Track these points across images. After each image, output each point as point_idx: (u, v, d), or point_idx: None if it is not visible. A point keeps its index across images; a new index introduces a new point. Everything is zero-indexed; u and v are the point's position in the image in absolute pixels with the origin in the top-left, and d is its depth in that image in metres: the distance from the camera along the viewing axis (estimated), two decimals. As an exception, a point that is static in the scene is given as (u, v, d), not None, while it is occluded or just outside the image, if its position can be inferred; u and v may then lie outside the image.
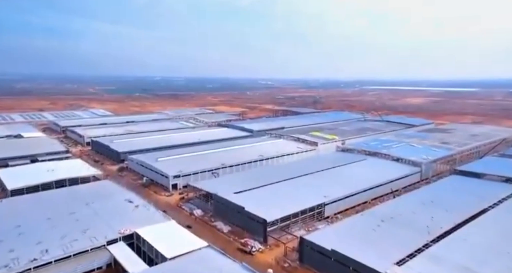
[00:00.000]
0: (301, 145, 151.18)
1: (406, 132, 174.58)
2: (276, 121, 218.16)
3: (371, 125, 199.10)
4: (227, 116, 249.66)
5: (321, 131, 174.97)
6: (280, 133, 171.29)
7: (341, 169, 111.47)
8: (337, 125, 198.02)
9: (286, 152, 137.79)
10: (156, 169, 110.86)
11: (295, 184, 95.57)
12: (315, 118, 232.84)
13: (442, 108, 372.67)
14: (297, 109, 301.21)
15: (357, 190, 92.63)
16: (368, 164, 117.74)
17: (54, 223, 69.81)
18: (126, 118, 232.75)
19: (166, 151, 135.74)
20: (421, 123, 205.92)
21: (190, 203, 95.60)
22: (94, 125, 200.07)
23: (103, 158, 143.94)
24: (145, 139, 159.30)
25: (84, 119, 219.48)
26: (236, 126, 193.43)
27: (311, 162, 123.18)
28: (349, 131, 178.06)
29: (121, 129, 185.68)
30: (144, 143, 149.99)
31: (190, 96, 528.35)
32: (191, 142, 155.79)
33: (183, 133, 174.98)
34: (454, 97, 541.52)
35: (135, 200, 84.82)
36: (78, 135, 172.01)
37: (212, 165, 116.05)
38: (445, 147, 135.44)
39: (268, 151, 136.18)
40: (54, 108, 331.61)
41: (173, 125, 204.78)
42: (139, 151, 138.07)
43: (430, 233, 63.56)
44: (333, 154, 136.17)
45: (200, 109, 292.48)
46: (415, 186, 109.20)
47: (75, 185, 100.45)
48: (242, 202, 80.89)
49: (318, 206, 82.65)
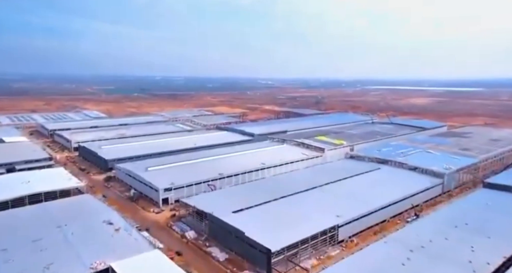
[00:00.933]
0: (306, 151, 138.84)
1: (420, 137, 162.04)
2: (278, 124, 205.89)
3: (380, 128, 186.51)
4: (227, 118, 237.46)
5: (327, 135, 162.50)
6: (283, 137, 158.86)
7: (353, 180, 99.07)
8: (343, 128, 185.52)
9: (290, 159, 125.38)
10: (145, 180, 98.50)
11: (302, 200, 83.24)
12: (320, 120, 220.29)
13: (448, 109, 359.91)
14: (300, 110, 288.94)
15: (375, 207, 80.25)
16: (383, 174, 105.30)
17: (8, 255, 57.17)
18: (119, 120, 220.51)
19: (158, 159, 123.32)
20: (433, 126, 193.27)
21: (182, 221, 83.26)
22: (85, 128, 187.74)
23: (90, 165, 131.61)
24: (137, 144, 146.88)
25: (75, 122, 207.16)
26: (236, 129, 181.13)
27: (319, 171, 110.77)
28: (357, 136, 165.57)
29: (112, 133, 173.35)
30: (135, 149, 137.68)
31: (189, 97, 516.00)
32: (187, 148, 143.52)
33: (178, 138, 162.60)
34: (457, 97, 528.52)
35: (116, 220, 72.52)
36: (65, 140, 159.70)
37: (209, 175, 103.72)
38: (467, 154, 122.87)
39: (270, 158, 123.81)
40: (47, 109, 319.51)
41: (169, 129, 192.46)
42: (128, 158, 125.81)
43: (476, 272, 51.18)
44: (342, 162, 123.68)
45: (198, 110, 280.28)
46: (436, 200, 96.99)
47: (52, 200, 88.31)
48: (242, 224, 68.57)
49: (330, 229, 70.27)
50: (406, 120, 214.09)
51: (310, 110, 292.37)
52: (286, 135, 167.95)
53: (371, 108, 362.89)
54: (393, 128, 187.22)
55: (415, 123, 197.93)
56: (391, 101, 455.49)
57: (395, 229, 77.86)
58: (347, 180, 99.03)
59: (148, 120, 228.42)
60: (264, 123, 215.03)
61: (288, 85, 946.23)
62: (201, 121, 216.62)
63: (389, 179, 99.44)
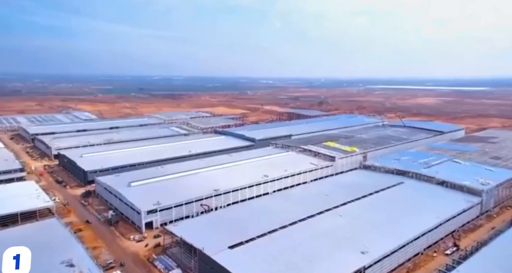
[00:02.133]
0: (314, 159, 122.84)
1: (440, 143, 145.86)
2: (281, 127, 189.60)
3: (392, 132, 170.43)
4: (226, 120, 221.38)
5: (337, 141, 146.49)
6: (288, 143, 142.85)
7: (374, 199, 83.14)
8: (353, 132, 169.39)
9: (297, 169, 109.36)
10: (126, 199, 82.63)
11: (316, 227, 67.34)
12: (326, 123, 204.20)
13: (459, 109, 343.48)
14: (303, 111, 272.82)
15: (407, 239, 64.30)
16: (407, 190, 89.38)
17: None
18: (110, 123, 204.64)
19: (145, 170, 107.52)
20: (451, 130, 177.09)
21: (167, 255, 67.37)
22: (71, 132, 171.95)
23: (69, 176, 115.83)
24: (124, 152, 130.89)
25: (61, 125, 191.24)
26: (235, 134, 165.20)
27: (332, 186, 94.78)
28: (369, 141, 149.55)
29: (100, 138, 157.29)
30: (122, 158, 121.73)
31: (187, 97, 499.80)
32: (180, 156, 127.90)
33: (171, 144, 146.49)
34: (465, 97, 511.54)
35: (80, 258, 56.87)
36: (45, 146, 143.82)
37: (202, 192, 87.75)
38: (501, 165, 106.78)
39: (274, 169, 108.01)
40: (39, 110, 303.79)
41: (162, 132, 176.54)
42: (112, 169, 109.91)
43: None
44: (357, 174, 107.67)
45: (195, 111, 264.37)
46: (475, 223, 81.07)
47: (13, 224, 72.87)
48: (241, 266, 52.84)
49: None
50: (420, 123, 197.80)
51: (315, 111, 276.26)
52: (291, 140, 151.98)
53: (378, 109, 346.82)
54: (407, 132, 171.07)
55: (431, 126, 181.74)
56: (397, 102, 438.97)
57: (432, 267, 62.27)
58: (367, 199, 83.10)
59: (142, 122, 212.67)
60: (265, 126, 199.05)
61: (290, 85, 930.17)
62: (198, 124, 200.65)
63: (417, 198, 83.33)
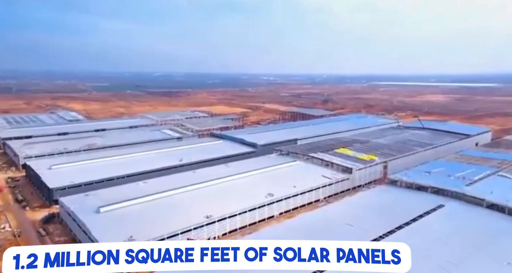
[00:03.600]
0: (326, 170, 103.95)
1: (472, 150, 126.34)
2: (285, 129, 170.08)
3: (412, 135, 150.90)
4: (224, 121, 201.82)
5: (350, 147, 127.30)
6: (294, 150, 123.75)
7: (414, 233, 63.77)
8: (367, 135, 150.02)
9: (307, 185, 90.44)
10: (90, 233, 63.51)
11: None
12: (334, 124, 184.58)
13: (472, 107, 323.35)
14: (308, 111, 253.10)
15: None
16: (452, 219, 69.81)
17: None
18: (97, 124, 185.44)
19: (126, 186, 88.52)
20: (477, 132, 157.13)
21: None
22: (50, 136, 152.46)
23: (34, 194, 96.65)
24: (105, 161, 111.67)
25: (40, 128, 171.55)
26: (234, 138, 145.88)
27: (353, 210, 75.47)
28: (387, 146, 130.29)
29: (81, 143, 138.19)
30: (100, 169, 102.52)
31: (186, 94, 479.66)
32: (169, 166, 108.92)
33: (161, 151, 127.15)
34: (474, 94, 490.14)
35: None
36: (14, 153, 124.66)
37: (191, 219, 68.97)
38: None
39: (280, 184, 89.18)
40: (24, 110, 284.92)
41: (153, 136, 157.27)
42: (85, 185, 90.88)
43: None
44: (382, 193, 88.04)
45: (191, 111, 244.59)
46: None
47: None
48: None
49: None
50: (439, 124, 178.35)
51: (320, 111, 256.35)
52: (297, 146, 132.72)
53: (386, 107, 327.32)
54: (428, 135, 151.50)
55: (453, 128, 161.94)
56: (404, 99, 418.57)
57: None
58: (404, 231, 63.87)
59: (132, 124, 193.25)
60: (268, 128, 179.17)
61: (291, 81, 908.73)
62: (193, 125, 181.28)
63: (470, 233, 63.72)
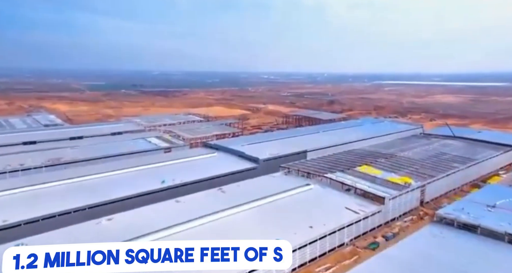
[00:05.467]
0: (350, 199, 79.98)
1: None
2: (291, 138, 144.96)
3: (443, 146, 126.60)
4: (220, 128, 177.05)
5: (374, 163, 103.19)
6: (305, 167, 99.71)
7: None
8: (389, 146, 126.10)
9: (330, 225, 66.54)
10: None
11: None
12: (348, 131, 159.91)
13: (491, 109, 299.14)
14: (315, 114, 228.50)
15: None
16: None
17: None
18: (73, 131, 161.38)
19: (81, 225, 64.48)
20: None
21: None
22: (10, 145, 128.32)
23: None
24: (64, 185, 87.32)
25: (4, 135, 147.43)
26: (232, 150, 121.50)
27: None
28: (418, 163, 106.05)
29: (46, 155, 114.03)
30: (53, 199, 78.43)
31: (182, 94, 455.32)
32: (147, 191, 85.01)
33: (141, 168, 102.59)
34: (488, 94, 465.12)
35: None
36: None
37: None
38: None
39: (293, 223, 65.33)
40: (3, 111, 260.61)
41: (135, 147, 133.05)
42: (17, 226, 66.73)
43: None
44: (431, 240, 62.96)
45: (185, 114, 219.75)
46: None
47: None
48: None
49: None
50: (471, 131, 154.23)
51: (329, 114, 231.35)
52: (309, 162, 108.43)
53: (397, 108, 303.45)
54: (463, 145, 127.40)
55: (490, 137, 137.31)
56: (414, 100, 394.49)
57: None
58: None
59: (115, 129, 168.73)
60: (271, 136, 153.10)
61: (292, 80, 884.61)
62: (184, 133, 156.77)
63: None
